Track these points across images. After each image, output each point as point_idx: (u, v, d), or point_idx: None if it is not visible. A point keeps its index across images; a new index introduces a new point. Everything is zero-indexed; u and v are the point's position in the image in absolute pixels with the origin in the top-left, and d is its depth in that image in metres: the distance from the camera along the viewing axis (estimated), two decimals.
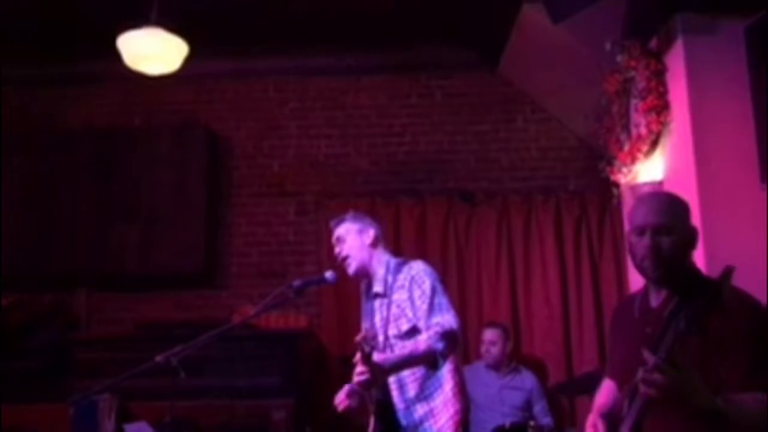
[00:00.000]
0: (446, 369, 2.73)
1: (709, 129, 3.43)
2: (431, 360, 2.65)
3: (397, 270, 2.82)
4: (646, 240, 1.82)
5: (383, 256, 2.89)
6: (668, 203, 1.90)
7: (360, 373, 2.50)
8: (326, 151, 5.28)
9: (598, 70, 3.88)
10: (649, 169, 3.69)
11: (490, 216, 4.99)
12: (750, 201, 3.30)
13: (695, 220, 1.94)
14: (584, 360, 4.68)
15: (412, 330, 2.72)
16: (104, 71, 4.82)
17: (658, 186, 3.57)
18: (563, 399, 4.69)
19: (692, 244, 1.87)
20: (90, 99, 5.35)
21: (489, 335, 4.45)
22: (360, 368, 2.49)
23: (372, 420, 2.66)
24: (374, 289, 2.86)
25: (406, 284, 2.76)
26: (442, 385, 2.74)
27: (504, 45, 4.89)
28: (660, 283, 1.87)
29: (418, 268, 2.79)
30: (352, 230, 2.90)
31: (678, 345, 1.60)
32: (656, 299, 1.89)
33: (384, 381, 2.68)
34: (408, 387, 2.74)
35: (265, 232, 5.20)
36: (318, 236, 5.00)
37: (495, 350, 4.41)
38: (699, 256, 3.07)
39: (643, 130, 3.69)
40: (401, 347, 2.71)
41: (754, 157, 3.34)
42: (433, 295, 2.71)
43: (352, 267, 2.87)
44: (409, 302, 2.73)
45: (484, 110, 5.26)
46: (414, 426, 2.73)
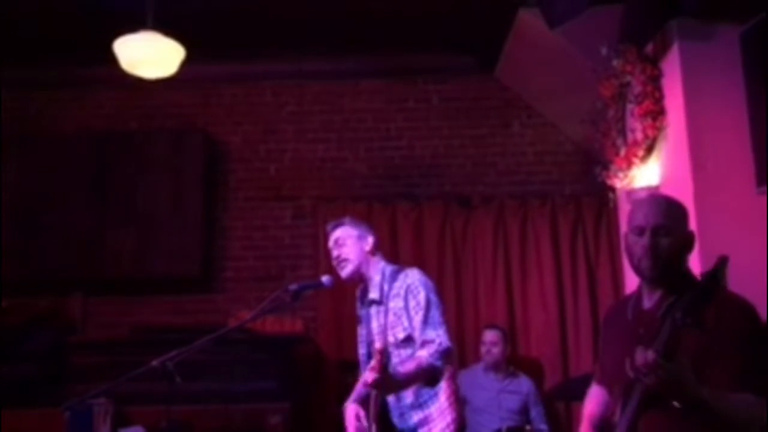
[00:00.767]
0: (442, 379, 2.73)
1: (705, 134, 3.43)
2: (433, 377, 2.68)
3: (393, 278, 2.81)
4: (645, 240, 1.84)
5: (379, 263, 2.88)
6: (667, 205, 1.92)
7: (373, 374, 2.45)
8: (323, 155, 5.28)
9: (594, 75, 3.89)
10: (645, 174, 3.70)
11: (487, 220, 5.00)
12: (746, 206, 3.31)
13: (691, 225, 1.95)
14: (581, 363, 4.69)
15: (408, 338, 2.72)
16: (101, 75, 4.81)
17: (654, 191, 3.58)
18: (559, 404, 4.70)
19: (689, 247, 1.90)
20: (86, 103, 5.35)
21: (490, 336, 4.48)
22: (374, 373, 2.45)
23: (374, 427, 2.65)
24: (370, 296, 2.85)
25: (402, 293, 2.75)
26: (438, 394, 2.74)
27: (500, 50, 4.91)
28: (656, 284, 1.88)
29: (414, 277, 2.78)
30: (352, 235, 2.88)
31: (673, 339, 1.62)
32: (649, 301, 1.90)
33: (391, 392, 2.68)
34: (404, 395, 2.74)
35: (262, 236, 5.20)
36: (315, 240, 5.00)
37: (496, 351, 4.44)
38: (695, 260, 3.07)
39: (639, 135, 3.70)
40: (399, 358, 2.70)
41: (750, 162, 3.34)
42: (428, 308, 2.70)
43: (348, 270, 2.85)
44: (405, 311, 2.73)
45: (481, 115, 5.27)
46: (409, 431, 2.73)
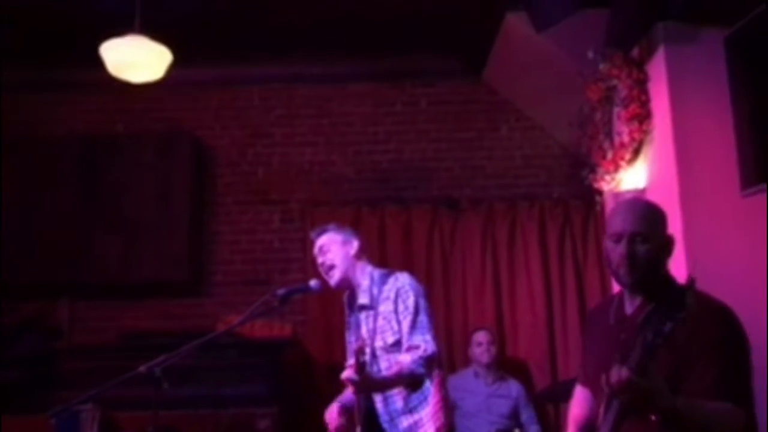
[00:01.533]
0: (431, 384, 2.74)
1: (691, 137, 3.46)
2: (414, 383, 2.69)
3: (383, 281, 2.81)
4: (622, 247, 1.82)
5: (366, 267, 2.88)
6: (645, 211, 1.90)
7: (350, 373, 2.48)
8: (311, 159, 5.27)
9: (581, 79, 3.91)
10: (632, 177, 3.72)
11: (475, 223, 5.01)
12: (731, 208, 3.33)
13: (677, 227, 1.96)
14: (569, 365, 4.69)
15: (397, 343, 2.72)
16: (88, 79, 4.77)
17: (641, 193, 3.59)
18: (549, 406, 4.70)
19: (668, 252, 1.88)
20: (73, 106, 5.31)
21: (484, 337, 4.51)
22: (351, 371, 2.48)
23: (359, 429, 2.66)
24: (360, 301, 2.84)
25: (392, 296, 2.75)
26: (427, 399, 2.74)
27: (488, 53, 4.92)
28: (634, 290, 1.88)
29: (404, 281, 2.78)
30: (336, 241, 2.88)
31: (647, 357, 1.60)
32: (631, 306, 1.90)
33: (369, 393, 2.69)
34: (393, 399, 2.75)
35: (250, 240, 5.18)
36: (303, 244, 4.98)
37: (494, 349, 4.48)
38: (681, 263, 3.09)
39: (626, 138, 3.72)
40: (389, 362, 2.71)
41: (735, 165, 3.38)
42: (417, 312, 2.71)
43: (336, 278, 2.85)
44: (394, 314, 2.73)
45: (469, 118, 5.28)
46: None
